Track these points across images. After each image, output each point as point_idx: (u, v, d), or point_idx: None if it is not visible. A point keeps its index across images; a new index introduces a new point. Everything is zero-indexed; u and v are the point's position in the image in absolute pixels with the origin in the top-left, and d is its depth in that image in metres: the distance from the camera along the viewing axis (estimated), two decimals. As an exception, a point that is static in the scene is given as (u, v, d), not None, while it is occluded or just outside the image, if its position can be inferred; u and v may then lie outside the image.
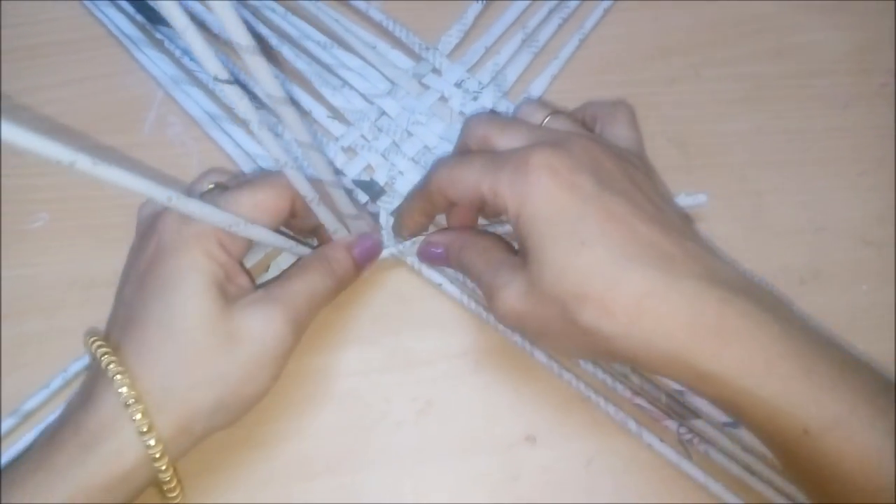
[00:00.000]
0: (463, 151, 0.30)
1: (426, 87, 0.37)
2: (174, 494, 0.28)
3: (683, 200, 0.33)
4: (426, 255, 0.32)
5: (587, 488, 0.31)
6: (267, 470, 0.31)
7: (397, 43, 0.38)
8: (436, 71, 0.37)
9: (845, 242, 0.35)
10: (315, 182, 0.28)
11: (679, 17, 0.39)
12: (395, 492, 0.31)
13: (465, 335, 0.33)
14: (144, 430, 0.25)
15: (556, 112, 0.30)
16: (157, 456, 0.26)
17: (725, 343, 0.24)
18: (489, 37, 0.38)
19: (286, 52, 0.37)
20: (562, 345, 0.28)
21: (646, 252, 0.25)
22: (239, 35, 0.22)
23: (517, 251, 0.29)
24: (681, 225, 0.27)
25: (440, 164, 0.29)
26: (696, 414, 0.31)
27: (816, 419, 0.23)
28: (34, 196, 0.35)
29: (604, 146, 0.28)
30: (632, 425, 0.31)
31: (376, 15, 0.38)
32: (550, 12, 0.38)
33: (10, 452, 0.31)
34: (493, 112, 0.36)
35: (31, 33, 0.38)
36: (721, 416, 0.31)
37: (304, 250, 0.31)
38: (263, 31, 0.38)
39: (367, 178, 0.35)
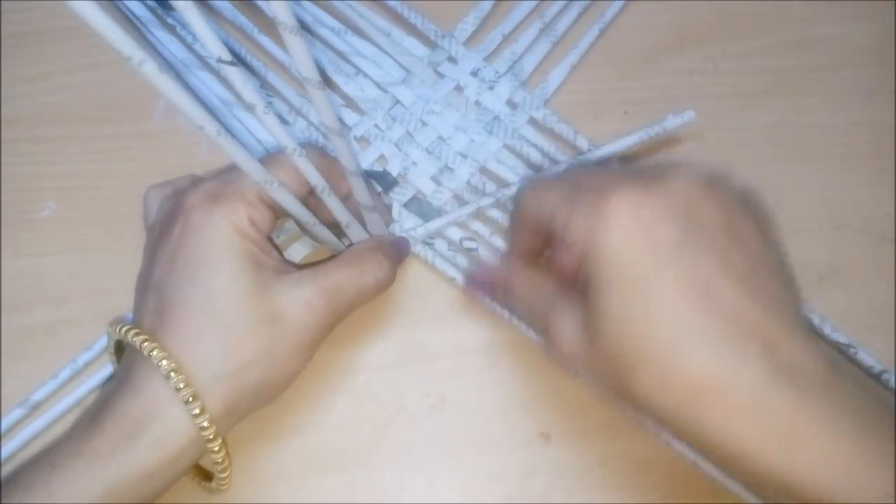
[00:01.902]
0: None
1: (441, 75, 0.36)
2: (225, 476, 0.28)
3: (671, 122, 0.32)
4: (473, 285, 0.32)
5: (602, 487, 0.30)
6: (279, 464, 0.31)
7: (412, 30, 0.37)
8: (451, 59, 0.37)
9: (865, 240, 0.34)
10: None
11: (697, 9, 0.38)
12: (408, 488, 0.31)
13: (480, 330, 0.33)
14: (197, 412, 0.25)
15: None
16: (211, 437, 0.25)
17: (799, 447, 0.21)
18: (507, 25, 0.37)
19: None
20: (618, 401, 0.25)
21: (720, 326, 0.22)
22: (282, 13, 0.22)
23: (574, 285, 0.26)
24: (774, 288, 0.23)
25: (529, 184, 0.28)
26: None
27: None
28: (41, 184, 0.35)
29: (710, 188, 0.24)
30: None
31: (391, 1, 0.37)
32: (570, 1, 0.38)
33: (17, 440, 0.31)
34: None
35: (38, 17, 0.38)
36: None
37: (324, 231, 0.30)
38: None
39: (380, 169, 0.35)
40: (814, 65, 0.37)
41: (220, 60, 0.23)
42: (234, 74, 0.24)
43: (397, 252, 0.31)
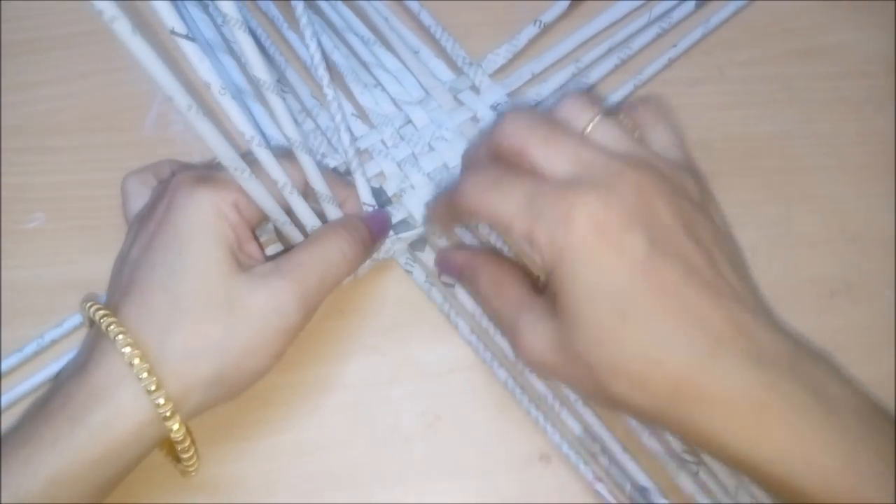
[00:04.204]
0: (493, 156, 0.27)
1: (460, 103, 0.35)
2: (189, 455, 0.27)
3: None
4: (442, 267, 0.31)
5: (604, 510, 0.29)
6: (267, 483, 0.30)
7: (441, 52, 0.36)
8: (474, 88, 0.35)
9: (878, 253, 0.33)
10: (327, 174, 0.27)
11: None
12: (401, 510, 0.29)
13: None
14: (153, 388, 0.24)
15: (604, 114, 0.26)
16: (168, 414, 0.24)
17: (766, 431, 0.22)
18: (538, 63, 0.36)
19: (325, 41, 0.35)
20: (589, 400, 0.27)
21: (692, 329, 0.23)
22: (228, 7, 0.21)
23: (542, 288, 0.27)
24: (735, 281, 0.24)
25: (471, 179, 0.26)
26: None
27: None
28: (31, 195, 0.34)
29: (658, 180, 0.24)
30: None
31: (426, 19, 0.36)
32: (610, 50, 0.36)
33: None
34: (530, 110, 0.29)
35: (30, 27, 0.37)
36: None
37: (296, 234, 0.29)
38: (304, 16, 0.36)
39: (377, 186, 0.34)
40: (823, 73, 0.37)
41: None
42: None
43: (373, 226, 0.30)
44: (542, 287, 0.27)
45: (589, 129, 0.25)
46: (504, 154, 0.26)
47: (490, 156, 0.27)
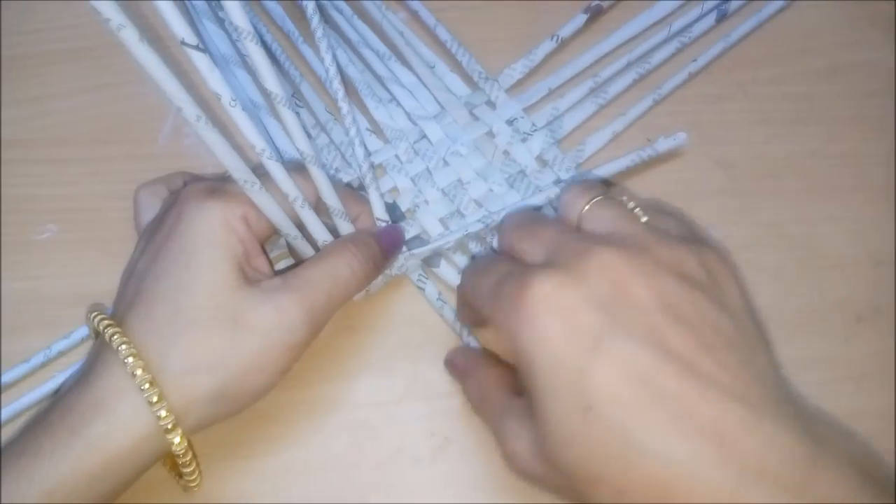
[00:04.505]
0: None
1: (476, 118, 0.35)
2: (191, 470, 0.26)
3: (662, 144, 0.29)
4: (449, 367, 0.30)
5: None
6: (272, 502, 0.29)
7: (457, 67, 0.35)
8: (490, 104, 0.35)
9: (908, 277, 0.32)
10: (339, 188, 0.27)
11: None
12: (407, 535, 0.29)
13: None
14: (155, 399, 0.23)
15: (603, 195, 0.25)
16: (170, 427, 0.24)
17: None
18: (556, 78, 0.35)
19: (340, 55, 0.35)
20: None
21: (672, 423, 0.20)
22: (238, 17, 0.21)
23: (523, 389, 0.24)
24: (736, 370, 0.21)
25: (469, 265, 0.26)
26: None
27: None
28: (43, 206, 0.34)
29: (634, 255, 0.22)
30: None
31: (443, 34, 0.35)
32: (629, 65, 0.35)
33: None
34: (526, 210, 0.28)
35: (44, 40, 0.37)
36: None
37: (308, 249, 0.29)
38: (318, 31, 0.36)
39: (391, 201, 0.33)
40: (849, 92, 0.36)
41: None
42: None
43: (385, 242, 0.29)
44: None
45: (584, 211, 0.25)
46: (504, 254, 0.26)
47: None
